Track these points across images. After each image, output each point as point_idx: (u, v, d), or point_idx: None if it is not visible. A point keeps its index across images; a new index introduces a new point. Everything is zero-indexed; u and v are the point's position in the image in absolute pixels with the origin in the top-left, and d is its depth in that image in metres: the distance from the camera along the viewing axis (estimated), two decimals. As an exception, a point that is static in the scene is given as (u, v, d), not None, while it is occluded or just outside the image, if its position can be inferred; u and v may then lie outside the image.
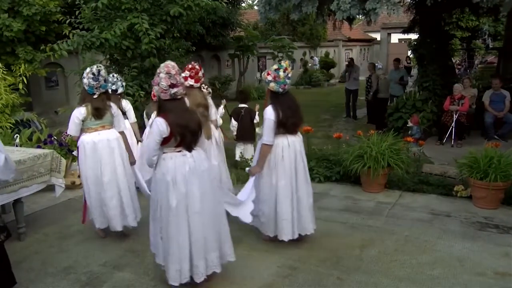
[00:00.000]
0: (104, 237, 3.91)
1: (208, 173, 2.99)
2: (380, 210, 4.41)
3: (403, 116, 8.37)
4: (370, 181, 4.85)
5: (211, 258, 2.95)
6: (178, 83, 2.91)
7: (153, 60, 6.91)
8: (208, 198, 2.93)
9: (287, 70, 3.50)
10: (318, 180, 5.29)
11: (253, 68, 19.70)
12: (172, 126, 2.83)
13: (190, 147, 2.93)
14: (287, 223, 3.52)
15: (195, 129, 2.92)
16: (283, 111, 3.44)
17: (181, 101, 2.95)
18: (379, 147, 4.83)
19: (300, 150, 3.58)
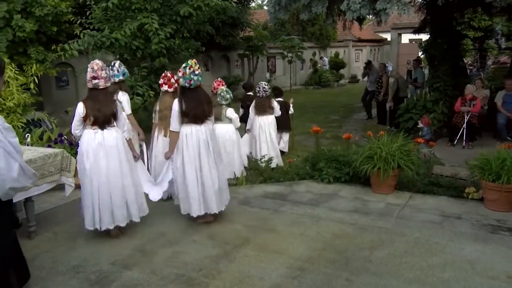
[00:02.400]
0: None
1: (116, 149, 3.81)
2: (390, 212, 4.38)
3: (413, 117, 8.32)
4: (380, 182, 4.82)
5: (116, 213, 3.82)
6: (98, 76, 3.77)
7: (162, 60, 6.96)
8: (113, 168, 3.77)
9: (192, 67, 4.01)
10: (327, 181, 5.27)
11: (262, 68, 19.71)
12: (87, 109, 3.77)
13: (103, 126, 3.79)
14: (194, 201, 4.05)
15: (107, 113, 3.78)
16: (187, 103, 4.02)
17: (100, 91, 3.81)
18: (389, 148, 4.79)
19: (205, 139, 4.04)
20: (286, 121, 7.60)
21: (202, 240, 3.81)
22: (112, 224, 3.87)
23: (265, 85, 6.85)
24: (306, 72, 22.67)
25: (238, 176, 5.71)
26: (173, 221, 4.27)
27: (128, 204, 3.92)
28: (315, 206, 4.58)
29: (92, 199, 3.77)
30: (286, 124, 7.61)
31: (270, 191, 5.13)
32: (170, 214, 4.47)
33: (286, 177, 5.60)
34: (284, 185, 5.35)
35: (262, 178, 5.69)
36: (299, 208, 4.52)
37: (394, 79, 10.21)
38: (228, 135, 5.86)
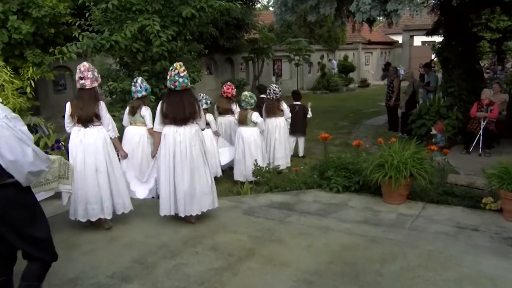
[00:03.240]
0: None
1: (94, 146, 4.23)
2: (402, 223, 4.36)
3: (426, 123, 8.30)
4: (391, 192, 4.81)
5: (88, 208, 4.25)
6: (85, 77, 4.23)
7: (164, 63, 7.00)
8: (89, 164, 4.21)
9: (177, 69, 4.32)
10: (336, 190, 5.27)
11: (268, 72, 19.78)
12: (73, 108, 4.26)
13: (86, 124, 4.25)
14: (164, 200, 4.39)
15: (89, 112, 4.22)
16: (168, 105, 4.36)
17: (86, 91, 4.26)
18: (401, 156, 4.79)
19: (181, 141, 4.31)
20: (303, 125, 8.06)
21: (204, 252, 3.82)
22: (85, 218, 4.31)
23: (275, 88, 7.23)
24: (313, 76, 22.72)
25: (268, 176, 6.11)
26: (174, 232, 4.28)
27: (103, 200, 4.30)
28: (323, 216, 4.57)
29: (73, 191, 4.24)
30: (303, 128, 8.10)
31: (276, 201, 5.13)
32: (171, 224, 4.48)
33: (293, 186, 5.60)
34: (290, 194, 5.35)
35: (268, 187, 5.70)
36: (306, 219, 4.52)
37: (409, 82, 10.14)
38: (253, 137, 6.52)
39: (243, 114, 6.54)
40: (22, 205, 2.59)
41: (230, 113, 7.12)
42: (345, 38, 24.10)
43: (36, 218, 2.68)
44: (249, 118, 6.48)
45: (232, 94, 7.10)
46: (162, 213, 4.43)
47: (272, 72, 20.70)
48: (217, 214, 4.74)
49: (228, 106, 7.13)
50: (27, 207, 2.63)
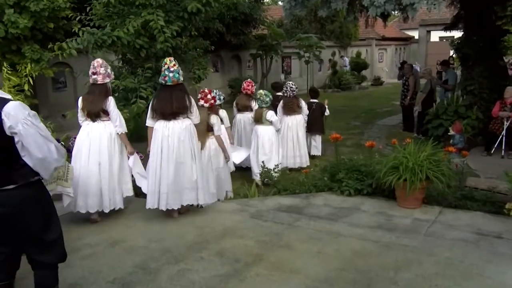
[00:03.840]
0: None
1: (99, 140, 4.60)
2: (417, 228, 4.33)
3: (443, 123, 8.23)
4: (406, 196, 4.77)
5: (88, 201, 4.57)
6: (97, 72, 4.61)
7: (168, 60, 7.01)
8: (92, 157, 4.57)
9: (167, 64, 4.61)
10: (348, 193, 5.25)
11: (277, 69, 19.79)
12: (83, 102, 4.67)
13: (93, 119, 4.64)
14: (150, 194, 4.66)
15: (97, 107, 4.59)
16: (157, 100, 4.70)
17: (97, 86, 4.65)
18: (416, 158, 4.75)
19: (169, 135, 4.58)
20: (320, 123, 8.25)
21: (210, 257, 3.81)
22: (84, 209, 4.61)
23: (292, 85, 7.43)
24: (324, 73, 22.68)
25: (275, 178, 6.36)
26: (178, 236, 4.29)
27: (102, 193, 4.64)
28: (334, 221, 4.56)
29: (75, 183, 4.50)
30: (320, 127, 8.25)
31: (285, 204, 5.12)
32: (174, 228, 4.50)
33: (302, 188, 5.59)
34: (300, 198, 5.34)
35: (276, 189, 5.69)
36: (316, 223, 4.50)
37: (426, 80, 10.06)
38: (268, 136, 6.71)
39: (259, 113, 6.76)
40: (43, 202, 2.69)
41: (249, 110, 7.33)
42: (357, 34, 24.05)
43: (53, 216, 2.77)
44: (264, 116, 6.69)
45: (251, 91, 7.34)
46: (147, 206, 4.69)
47: (281, 69, 20.70)
48: (223, 218, 4.75)
49: (247, 103, 7.35)
50: (47, 205, 2.72)
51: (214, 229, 4.44)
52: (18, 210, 2.52)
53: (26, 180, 2.53)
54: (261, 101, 6.70)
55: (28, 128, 2.47)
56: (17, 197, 2.51)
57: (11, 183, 2.48)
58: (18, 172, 2.51)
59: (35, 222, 2.62)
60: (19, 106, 2.50)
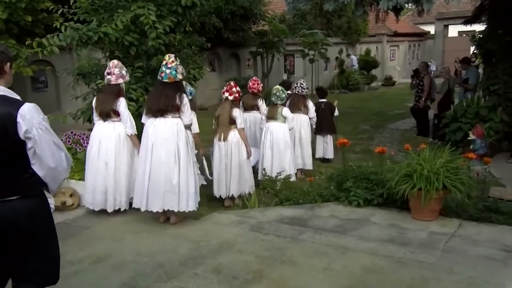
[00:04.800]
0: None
1: (108, 139, 5.19)
2: (434, 243, 4.30)
3: (462, 126, 8.19)
4: (421, 206, 4.75)
5: (96, 198, 5.22)
6: (111, 73, 5.21)
7: (161, 58, 6.99)
8: (102, 156, 5.16)
9: (165, 60, 4.92)
10: (357, 203, 5.23)
11: (278, 68, 19.82)
12: (96, 101, 5.30)
13: (104, 118, 5.25)
14: (136, 193, 4.98)
15: (107, 107, 5.18)
16: (150, 96, 5.09)
17: (110, 86, 5.26)
18: (432, 165, 4.74)
19: (154, 132, 4.83)
20: (331, 123, 8.42)
21: (205, 274, 3.80)
22: (92, 205, 5.24)
23: (303, 83, 7.73)
24: (330, 73, 22.72)
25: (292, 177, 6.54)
26: (171, 250, 4.27)
27: (107, 192, 5.19)
28: (342, 234, 4.54)
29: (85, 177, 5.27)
30: (331, 127, 8.42)
31: (288, 215, 5.11)
32: (167, 241, 4.49)
33: (307, 198, 5.58)
34: (304, 208, 5.33)
35: (278, 199, 5.67)
36: (322, 236, 4.49)
37: (444, 79, 10.01)
38: (282, 134, 6.84)
39: (273, 109, 6.93)
40: (47, 216, 2.65)
41: (256, 109, 7.48)
42: (367, 29, 24.07)
43: (54, 231, 2.74)
44: (279, 112, 6.86)
45: (258, 89, 7.46)
46: (134, 205, 5.03)
47: (283, 68, 20.73)
48: (220, 230, 4.74)
49: (254, 102, 7.48)
50: (49, 218, 2.69)
51: (211, 243, 4.42)
52: (25, 224, 2.46)
53: (33, 191, 2.50)
54: (276, 97, 6.88)
55: (43, 134, 2.44)
56: (24, 209, 2.45)
57: (16, 194, 2.43)
58: (26, 182, 2.47)
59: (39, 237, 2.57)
60: (34, 108, 2.46)
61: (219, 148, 5.87)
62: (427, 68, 10.80)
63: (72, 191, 5.59)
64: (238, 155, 5.90)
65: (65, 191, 5.49)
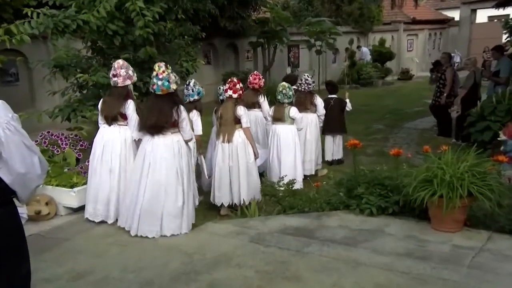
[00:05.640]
0: None
1: (112, 145, 5.31)
2: (459, 258, 4.28)
3: (491, 125, 8.17)
4: (443, 216, 4.74)
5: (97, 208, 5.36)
6: (117, 74, 5.30)
7: (149, 49, 7.01)
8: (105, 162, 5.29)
9: (155, 71, 5.05)
10: (369, 212, 5.22)
11: (281, 61, 19.85)
12: (102, 105, 5.44)
13: (110, 122, 5.37)
14: (123, 211, 5.15)
15: (114, 111, 5.31)
16: (143, 111, 5.21)
17: (117, 89, 5.38)
18: (455, 169, 4.73)
19: (151, 151, 5.00)
20: (341, 122, 8.53)
21: (198, 292, 3.79)
22: (93, 217, 5.35)
23: (308, 77, 7.73)
24: (339, 66, 22.75)
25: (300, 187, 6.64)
26: (161, 265, 4.27)
27: (110, 202, 5.30)
28: (352, 246, 4.53)
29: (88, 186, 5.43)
30: (341, 126, 8.54)
31: (291, 225, 5.11)
32: (157, 255, 4.48)
33: (313, 206, 5.58)
34: (310, 217, 5.33)
35: (281, 207, 5.67)
36: (330, 249, 4.48)
37: (469, 72, 9.96)
38: (291, 137, 6.96)
39: (279, 109, 6.99)
40: (15, 227, 2.58)
41: (257, 107, 7.58)
42: (381, 16, 24.12)
43: (24, 245, 2.68)
44: (286, 113, 6.93)
45: (259, 85, 7.58)
46: (118, 223, 5.21)
47: (287, 61, 20.77)
48: (216, 242, 4.74)
49: (254, 99, 7.56)
50: (19, 231, 2.62)
51: (205, 256, 4.42)
52: None
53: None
54: (283, 95, 6.93)
55: (11, 135, 2.39)
56: None
57: None
58: None
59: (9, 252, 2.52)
60: (1, 106, 2.43)
61: (223, 150, 5.99)
62: (450, 60, 10.75)
63: (48, 199, 5.58)
64: (245, 157, 6.01)
65: (40, 199, 5.49)
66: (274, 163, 7.01)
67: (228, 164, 5.95)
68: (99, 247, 4.77)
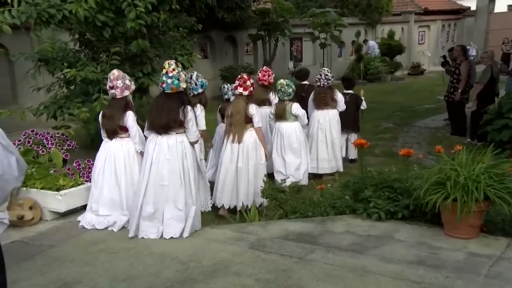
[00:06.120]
0: None
1: (114, 160, 5.50)
2: (475, 266, 4.27)
3: (510, 124, 8.18)
4: (457, 221, 4.73)
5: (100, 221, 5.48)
6: (114, 86, 5.45)
7: (142, 42, 7.02)
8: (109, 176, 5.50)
9: (165, 69, 5.15)
10: (377, 216, 5.21)
11: (283, 54, 19.86)
12: (101, 119, 5.58)
13: (110, 136, 5.56)
14: (131, 218, 5.24)
15: (113, 124, 5.48)
16: (151, 109, 5.33)
17: (116, 101, 5.53)
18: (470, 171, 4.72)
19: (157, 150, 5.12)
20: (356, 119, 8.72)
21: (194, 303, 3.79)
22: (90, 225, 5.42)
23: (328, 72, 7.97)
24: (345, 60, 22.78)
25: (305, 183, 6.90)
26: (154, 274, 4.26)
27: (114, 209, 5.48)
28: (359, 253, 4.53)
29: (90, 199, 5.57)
30: (356, 124, 8.73)
31: (294, 231, 5.11)
32: (149, 262, 4.48)
33: (317, 210, 5.58)
34: (313, 222, 5.33)
35: (282, 211, 5.67)
36: (335, 256, 4.48)
37: (486, 65, 9.94)
38: (295, 135, 7.14)
39: (281, 107, 7.17)
40: None
41: (267, 104, 7.76)
42: (390, 7, 24.15)
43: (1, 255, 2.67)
44: (288, 110, 7.11)
45: (269, 81, 7.73)
46: (129, 234, 5.17)
47: (289, 55, 20.77)
48: (213, 249, 4.73)
49: (264, 96, 7.74)
50: None
51: (202, 264, 4.42)
52: None
53: None
54: (282, 93, 7.08)
55: None
56: None
57: None
58: None
59: None
60: None
61: (231, 150, 6.10)
62: (465, 53, 10.72)
63: (32, 203, 5.57)
64: (256, 158, 6.14)
65: (23, 203, 5.48)
66: (277, 163, 7.09)
67: (237, 165, 6.05)
68: (88, 254, 4.76)
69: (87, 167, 6.14)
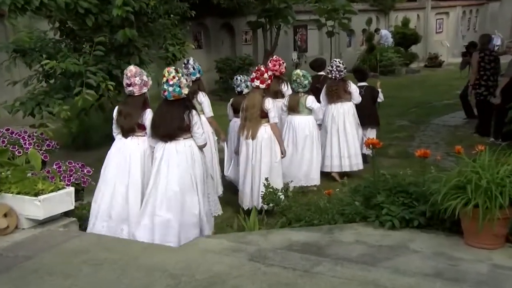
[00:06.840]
0: None
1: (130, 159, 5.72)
2: (500, 280, 4.28)
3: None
4: (479, 230, 4.73)
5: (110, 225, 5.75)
6: (132, 84, 5.67)
7: (129, 31, 7.02)
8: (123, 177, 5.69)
9: (165, 77, 5.46)
10: (391, 224, 5.21)
11: (286, 44, 19.86)
12: (117, 115, 5.81)
13: (125, 134, 5.78)
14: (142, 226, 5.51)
15: (131, 122, 5.71)
16: (155, 117, 5.65)
17: (134, 98, 5.78)
18: (493, 173, 4.73)
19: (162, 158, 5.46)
20: (373, 113, 8.90)
21: (187, 320, 3.80)
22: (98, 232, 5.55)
23: (340, 64, 8.05)
24: (355, 50, 22.79)
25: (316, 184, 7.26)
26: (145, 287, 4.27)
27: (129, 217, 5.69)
28: (371, 265, 4.52)
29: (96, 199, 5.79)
30: (373, 118, 8.89)
31: (298, 241, 5.12)
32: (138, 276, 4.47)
33: (324, 218, 5.58)
34: (320, 232, 5.34)
35: (285, 218, 5.67)
36: (344, 269, 4.47)
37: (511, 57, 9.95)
38: (308, 129, 7.38)
39: (294, 99, 7.36)
40: None
41: (280, 96, 7.88)
42: (405, -8, 24.11)
43: None
44: (302, 103, 7.30)
45: (280, 71, 7.85)
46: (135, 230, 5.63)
47: (292, 45, 20.77)
48: (208, 261, 4.72)
49: (276, 87, 7.80)
50: None
51: (195, 278, 4.40)
52: None
53: None
54: (297, 84, 7.26)
55: None
56: None
57: None
58: None
59: None
60: None
61: (246, 147, 6.34)
62: (489, 42, 10.71)
63: (7, 210, 5.55)
64: (270, 155, 6.32)
65: (0, 208, 5.48)
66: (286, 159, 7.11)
67: (250, 162, 6.27)
68: (69, 266, 4.75)
69: (68, 169, 6.13)
